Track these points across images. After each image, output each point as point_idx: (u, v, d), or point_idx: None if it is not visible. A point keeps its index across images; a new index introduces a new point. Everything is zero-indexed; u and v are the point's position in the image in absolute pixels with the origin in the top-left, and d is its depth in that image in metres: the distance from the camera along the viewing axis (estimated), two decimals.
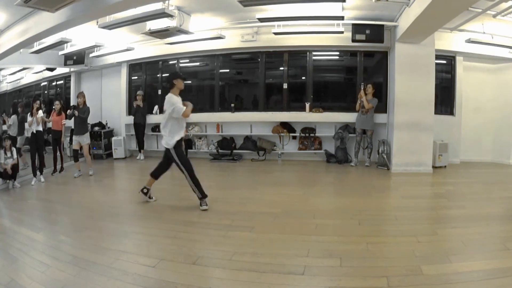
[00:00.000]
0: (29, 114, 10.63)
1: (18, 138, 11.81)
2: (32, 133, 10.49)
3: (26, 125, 10.72)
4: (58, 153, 11.62)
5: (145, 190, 7.90)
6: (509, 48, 10.94)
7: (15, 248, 5.65)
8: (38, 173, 10.48)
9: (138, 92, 13.68)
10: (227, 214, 7.04)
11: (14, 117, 11.01)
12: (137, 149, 13.85)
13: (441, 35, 10.80)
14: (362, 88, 11.33)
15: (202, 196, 7.37)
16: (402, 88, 10.58)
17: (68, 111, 11.20)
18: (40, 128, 10.62)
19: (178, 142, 7.33)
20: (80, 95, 11.21)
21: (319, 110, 12.29)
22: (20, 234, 6.33)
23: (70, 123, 11.48)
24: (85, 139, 11.11)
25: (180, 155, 7.28)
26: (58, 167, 11.59)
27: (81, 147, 11.16)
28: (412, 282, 4.32)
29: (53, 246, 5.73)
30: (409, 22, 8.72)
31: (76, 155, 10.98)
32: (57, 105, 11.72)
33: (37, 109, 10.46)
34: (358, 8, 9.87)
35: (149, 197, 7.89)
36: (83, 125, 11.17)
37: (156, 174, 7.82)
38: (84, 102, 11.21)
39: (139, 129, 13.60)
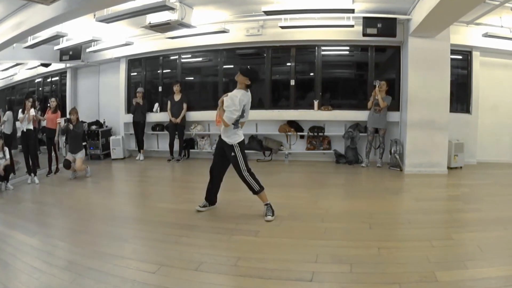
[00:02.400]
0: (20, 110, 10.65)
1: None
2: (22, 131, 10.53)
3: (18, 123, 10.74)
4: (53, 153, 11.65)
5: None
6: None
7: (8, 253, 5.67)
8: (32, 173, 10.52)
9: (138, 89, 13.69)
10: (231, 218, 7.04)
11: (9, 113, 11.03)
12: (137, 149, 13.88)
13: (457, 29, 10.77)
14: (377, 86, 11.28)
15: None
16: (415, 85, 10.55)
17: (62, 124, 11.15)
18: (31, 127, 10.64)
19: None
20: (73, 111, 11.11)
21: (328, 108, 12.28)
22: (12, 238, 6.35)
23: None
24: (79, 155, 11.02)
25: None
26: (53, 168, 11.62)
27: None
28: None
29: (48, 251, 5.74)
30: (423, 15, 8.70)
31: (68, 164, 10.84)
32: (52, 102, 11.72)
33: (31, 107, 10.50)
34: (369, 0, 9.86)
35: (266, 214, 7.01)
36: (78, 142, 11.14)
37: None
38: (77, 119, 11.14)
39: (139, 128, 13.62)
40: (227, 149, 6.96)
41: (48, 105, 11.71)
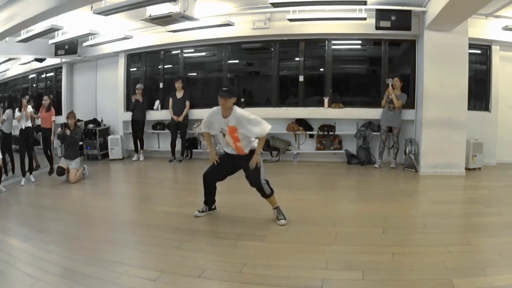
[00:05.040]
0: (17, 109, 10.69)
1: None
2: (21, 129, 10.57)
3: (15, 121, 10.77)
4: (48, 153, 11.70)
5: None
6: None
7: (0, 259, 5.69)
8: (28, 172, 10.57)
9: (138, 86, 13.66)
10: (236, 222, 7.05)
11: (8, 111, 11.07)
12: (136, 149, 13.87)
13: (475, 22, 10.72)
14: (390, 84, 11.23)
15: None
16: (431, 81, 10.52)
17: (59, 129, 11.14)
18: (30, 124, 10.70)
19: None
20: (71, 115, 11.10)
21: (339, 106, 12.26)
22: (5, 243, 6.37)
23: (63, 118, 11.51)
24: (74, 164, 10.89)
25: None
26: (47, 169, 11.63)
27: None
28: None
29: (42, 257, 5.75)
30: (439, 7, 8.68)
31: (62, 171, 10.77)
32: (45, 100, 11.76)
33: (27, 103, 10.54)
34: None
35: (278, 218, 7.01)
36: (74, 149, 11.09)
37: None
38: (75, 124, 11.17)
39: (138, 126, 13.61)
40: (247, 158, 6.90)
41: (43, 102, 11.74)
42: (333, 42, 12.54)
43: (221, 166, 7.15)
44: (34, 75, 17.81)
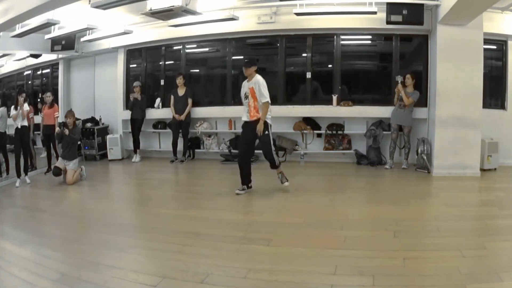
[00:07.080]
0: (12, 107, 10.71)
1: None
2: (17, 128, 10.58)
3: (9, 120, 10.79)
4: (52, 151, 11.78)
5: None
6: None
7: None
8: (23, 173, 10.58)
9: (135, 83, 13.65)
10: (241, 225, 7.07)
11: (3, 109, 11.10)
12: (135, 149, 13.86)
13: (491, 16, 10.69)
14: (399, 81, 11.17)
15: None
16: (444, 77, 10.48)
17: (57, 129, 11.16)
18: (26, 123, 10.71)
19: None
20: (69, 114, 11.11)
21: (348, 104, 12.23)
22: None
23: (61, 117, 11.53)
24: (72, 165, 10.87)
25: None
26: (45, 168, 11.66)
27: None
28: None
29: (38, 261, 5.76)
30: (453, 0, 8.65)
31: (59, 172, 10.80)
32: (48, 97, 11.83)
33: (24, 101, 10.56)
34: None
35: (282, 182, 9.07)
36: (73, 149, 11.10)
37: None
38: (74, 123, 11.18)
39: (136, 125, 13.63)
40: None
41: (43, 98, 11.76)
42: (342, 37, 12.51)
43: (245, 143, 9.19)
44: (29, 72, 17.82)
